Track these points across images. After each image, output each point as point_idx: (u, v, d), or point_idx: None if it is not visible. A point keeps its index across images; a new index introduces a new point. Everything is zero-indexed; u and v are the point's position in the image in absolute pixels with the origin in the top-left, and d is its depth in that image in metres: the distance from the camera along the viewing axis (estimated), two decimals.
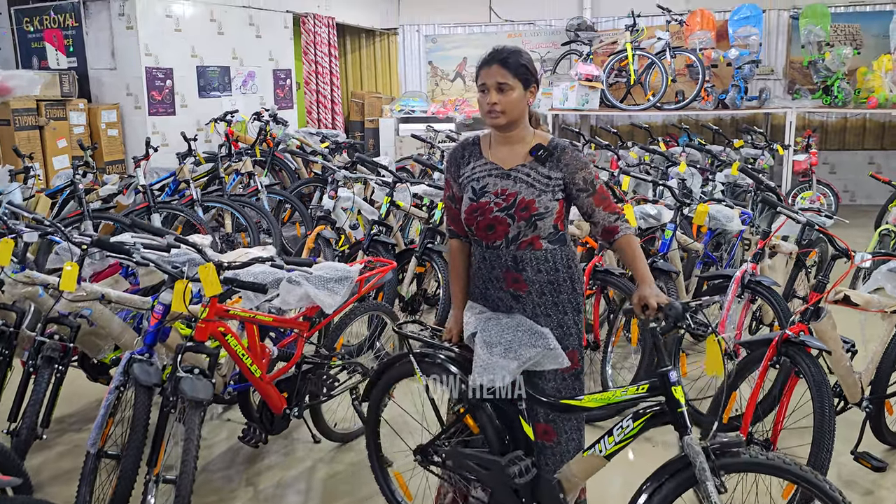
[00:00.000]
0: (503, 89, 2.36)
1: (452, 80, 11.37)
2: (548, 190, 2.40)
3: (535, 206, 2.38)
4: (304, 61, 9.61)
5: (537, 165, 2.42)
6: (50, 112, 6.81)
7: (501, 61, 2.36)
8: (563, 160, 2.41)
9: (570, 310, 2.51)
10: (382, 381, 2.93)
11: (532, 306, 2.50)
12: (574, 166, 2.41)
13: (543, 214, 2.40)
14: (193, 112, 7.83)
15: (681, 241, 4.49)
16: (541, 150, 2.42)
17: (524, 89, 2.39)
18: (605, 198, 2.43)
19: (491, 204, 2.42)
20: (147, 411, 2.69)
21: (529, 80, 2.40)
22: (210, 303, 2.74)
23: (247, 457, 3.54)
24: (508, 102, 2.36)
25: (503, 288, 2.51)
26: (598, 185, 2.43)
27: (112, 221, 5.70)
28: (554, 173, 2.41)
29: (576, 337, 2.53)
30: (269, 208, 6.62)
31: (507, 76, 2.36)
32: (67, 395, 3.96)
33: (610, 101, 9.38)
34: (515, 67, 2.36)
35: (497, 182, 2.43)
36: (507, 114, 2.38)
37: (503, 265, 2.47)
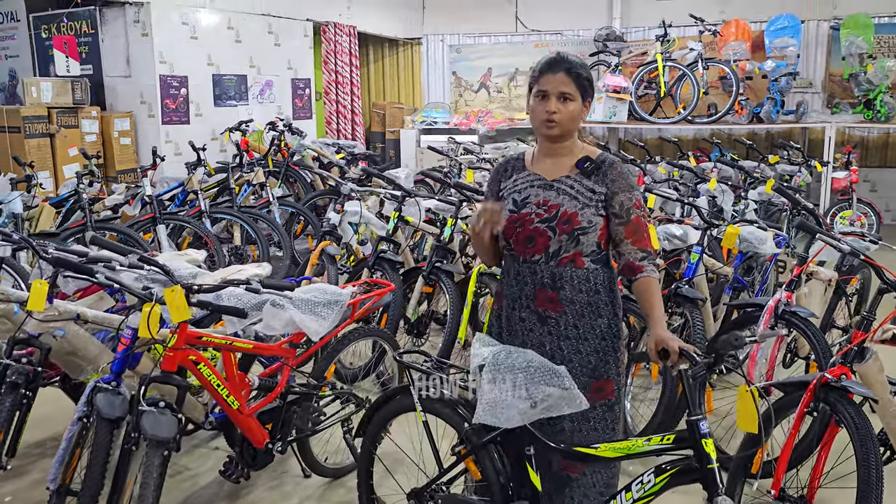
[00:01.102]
0: (565, 99, 2.24)
1: (476, 90, 11.12)
2: (591, 204, 2.26)
3: (578, 220, 2.24)
4: (324, 70, 9.43)
5: (582, 178, 2.29)
6: (61, 120, 6.69)
7: (568, 70, 2.24)
8: (609, 175, 2.27)
9: (610, 336, 2.34)
10: (379, 415, 2.67)
11: (563, 328, 2.32)
12: (618, 185, 2.26)
13: (587, 229, 2.24)
14: (208, 121, 7.68)
15: (708, 264, 4.15)
16: (588, 162, 2.29)
17: (583, 101, 2.28)
18: (639, 231, 2.26)
19: (532, 215, 2.29)
20: (107, 447, 2.45)
21: (588, 93, 2.29)
22: (179, 329, 2.49)
23: (231, 490, 3.28)
24: (567, 113, 2.25)
25: (531, 307, 2.34)
26: (634, 214, 2.26)
27: (115, 232, 5.53)
28: (598, 187, 2.27)
29: (613, 366, 2.35)
30: (280, 221, 6.42)
31: (572, 86, 2.24)
32: (45, 417, 3.75)
33: (638, 114, 9.05)
34: (580, 79, 2.25)
35: (539, 193, 2.31)
36: (563, 125, 2.26)
37: (538, 282, 2.31)
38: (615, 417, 2.39)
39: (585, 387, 2.27)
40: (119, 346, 2.60)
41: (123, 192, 5.95)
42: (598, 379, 2.32)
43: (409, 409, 2.55)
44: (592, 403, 2.28)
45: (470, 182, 6.67)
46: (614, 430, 2.38)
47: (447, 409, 2.44)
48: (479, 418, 2.23)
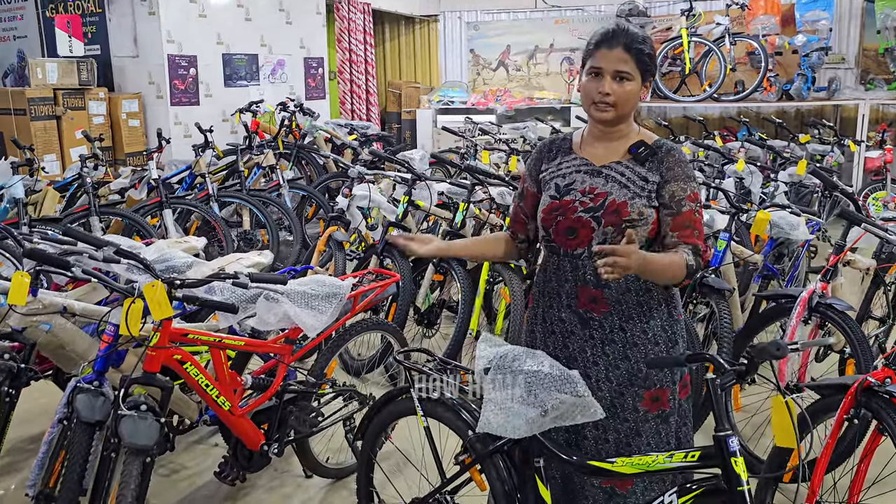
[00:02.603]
0: (622, 78, 1.98)
1: (495, 69, 10.82)
2: (643, 194, 2.00)
3: (628, 210, 1.99)
4: (337, 49, 9.20)
5: (635, 165, 2.04)
6: (68, 101, 6.54)
7: (627, 46, 1.97)
8: (665, 163, 2.02)
9: (663, 341, 2.07)
10: (379, 418, 2.49)
11: (609, 331, 2.07)
12: (673, 173, 2.01)
13: (636, 221, 1.99)
14: (218, 102, 7.49)
15: (736, 252, 3.90)
16: (642, 147, 2.04)
17: (643, 81, 2.02)
18: (690, 226, 1.99)
19: (576, 203, 2.04)
20: (86, 452, 2.28)
21: (650, 70, 2.02)
22: (161, 327, 2.31)
23: (229, 491, 3.12)
24: (624, 94, 1.98)
25: (573, 307, 2.10)
26: (686, 207, 1.99)
27: (121, 217, 5.38)
28: (651, 176, 2.02)
29: (669, 373, 2.08)
30: (291, 204, 6.24)
31: (631, 64, 1.97)
32: (42, 409, 3.63)
33: (662, 92, 8.73)
34: (640, 55, 1.98)
35: (586, 179, 2.07)
36: (619, 108, 2.00)
37: (580, 278, 2.06)
38: (669, 430, 2.12)
39: (637, 397, 2.05)
40: (101, 343, 2.43)
41: (129, 176, 5.79)
42: (650, 388, 2.06)
43: (409, 412, 2.37)
44: (645, 416, 2.07)
45: (485, 164, 6.44)
46: (668, 443, 2.11)
47: (450, 413, 2.26)
48: (483, 427, 2.04)
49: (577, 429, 2.12)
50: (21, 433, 3.53)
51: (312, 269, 3.74)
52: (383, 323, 3.22)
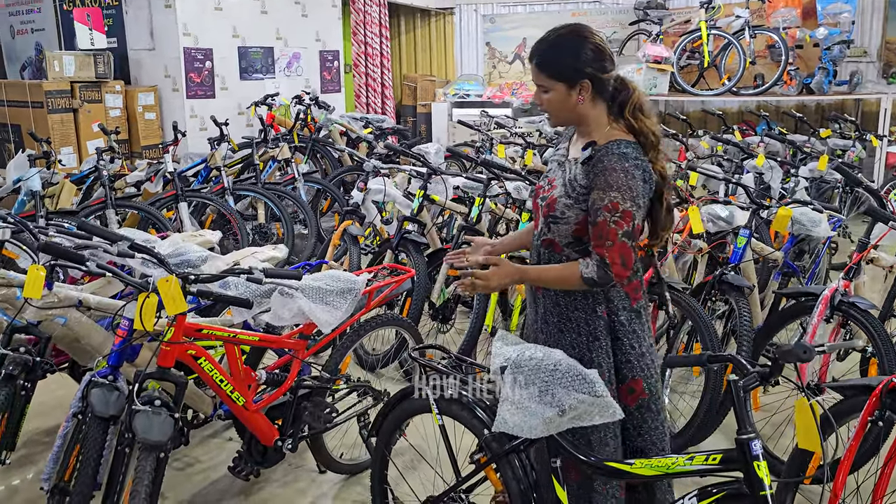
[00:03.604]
0: (544, 90, 2.08)
1: (511, 62, 10.76)
2: (572, 195, 2.06)
3: (554, 207, 2.09)
4: (353, 42, 9.17)
5: (579, 165, 2.08)
6: (85, 94, 6.56)
7: (537, 63, 2.08)
8: (595, 168, 2.02)
9: (585, 333, 2.12)
10: (393, 415, 2.47)
11: (543, 311, 2.21)
12: (597, 181, 2.00)
13: (558, 219, 2.09)
14: (234, 95, 7.49)
15: (757, 249, 3.84)
16: (587, 148, 2.06)
17: (569, 88, 2.03)
18: (602, 237, 1.99)
19: (542, 189, 2.20)
20: (100, 447, 2.28)
21: (573, 76, 2.02)
22: (175, 322, 2.30)
23: (243, 486, 3.11)
24: (548, 104, 2.09)
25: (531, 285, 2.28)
26: (601, 217, 1.98)
27: (137, 210, 5.39)
28: (583, 179, 2.05)
29: (586, 365, 2.05)
30: (306, 198, 6.23)
31: (542, 78, 2.07)
32: (55, 403, 3.64)
33: (680, 86, 8.64)
34: (550, 67, 2.04)
35: (555, 169, 2.19)
36: (553, 115, 2.13)
37: (533, 258, 2.25)
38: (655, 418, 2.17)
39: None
40: (115, 337, 2.43)
41: (145, 169, 5.79)
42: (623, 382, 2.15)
43: (424, 410, 2.35)
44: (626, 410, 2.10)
45: (501, 158, 6.39)
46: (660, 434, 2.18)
47: (465, 412, 2.24)
48: (499, 426, 2.01)
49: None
50: (37, 425, 3.54)
51: (327, 264, 3.73)
52: (398, 318, 3.19)
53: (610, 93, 2.07)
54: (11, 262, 3.74)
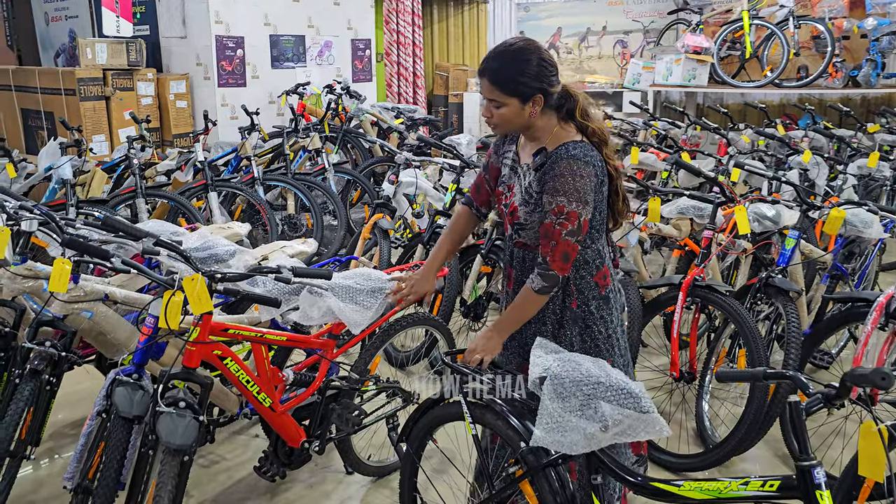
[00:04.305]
0: (497, 105, 2.09)
1: None
2: (530, 202, 2.15)
3: (518, 215, 2.18)
4: (385, 31, 9.06)
5: (532, 171, 2.17)
6: (117, 82, 6.54)
7: (491, 78, 2.06)
8: (547, 173, 2.09)
9: (552, 322, 2.25)
10: (424, 421, 2.37)
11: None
12: (548, 186, 2.08)
13: (524, 225, 2.18)
14: (265, 84, 7.43)
15: (806, 250, 3.67)
16: (538, 155, 2.14)
17: (523, 102, 2.07)
18: (547, 237, 2.09)
19: (503, 195, 2.27)
20: (123, 447, 2.22)
21: (526, 92, 2.06)
22: (201, 322, 2.22)
23: (268, 486, 3.05)
24: (501, 118, 2.11)
25: (506, 284, 2.38)
26: (548, 219, 2.08)
27: (166, 199, 5.36)
28: (536, 186, 2.13)
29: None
30: (336, 188, 6.15)
31: (497, 93, 2.07)
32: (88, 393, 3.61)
33: (720, 77, 8.39)
34: (505, 83, 2.05)
35: (511, 175, 2.25)
36: (502, 127, 2.15)
37: (506, 258, 2.35)
38: None
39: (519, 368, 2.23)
40: (140, 335, 2.36)
41: (176, 158, 5.77)
42: None
43: (457, 417, 2.24)
44: None
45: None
46: None
47: (500, 421, 2.13)
48: (537, 441, 1.91)
49: None
50: (63, 417, 3.52)
51: (357, 260, 3.64)
52: (429, 317, 3.09)
53: (557, 102, 2.13)
54: (42, 250, 3.71)
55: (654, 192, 3.57)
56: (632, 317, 3.33)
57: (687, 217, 3.79)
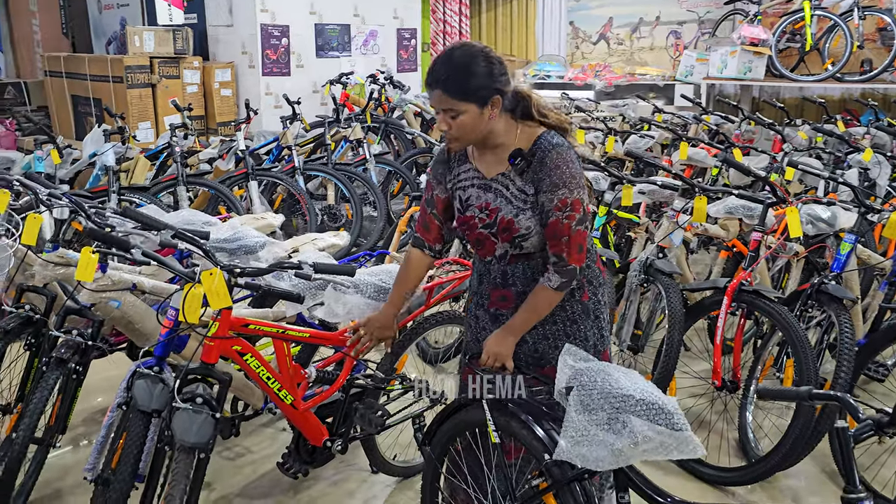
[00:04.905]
0: (454, 115, 1.97)
1: (595, 42, 10.33)
2: (526, 207, 2.04)
3: (516, 227, 2.05)
4: (431, 20, 8.96)
5: (516, 177, 2.06)
6: (163, 70, 6.59)
7: (443, 88, 1.95)
8: (537, 173, 2.01)
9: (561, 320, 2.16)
10: (448, 425, 2.29)
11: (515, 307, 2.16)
12: (543, 184, 2.00)
13: (526, 235, 2.06)
14: (310, 73, 7.41)
15: (863, 256, 3.46)
16: (519, 157, 2.03)
17: (481, 106, 1.97)
18: (556, 235, 2.02)
19: (476, 219, 2.12)
20: (141, 441, 2.19)
21: (486, 95, 1.96)
22: (220, 316, 2.17)
23: (292, 482, 3.00)
24: (460, 127, 1.99)
25: (485, 306, 2.24)
26: (552, 217, 2.00)
27: (207, 188, 5.37)
28: (528, 188, 2.03)
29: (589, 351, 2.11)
30: (377, 179, 6.09)
31: (452, 102, 1.96)
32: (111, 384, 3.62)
33: (778, 70, 8.06)
34: (461, 91, 1.94)
35: (480, 194, 2.11)
36: (464, 137, 2.02)
37: (491, 281, 2.19)
38: None
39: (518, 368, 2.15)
40: (161, 328, 2.32)
41: (218, 146, 5.78)
42: (543, 367, 2.16)
43: (480, 424, 2.15)
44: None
45: (580, 144, 6.09)
46: None
47: (524, 430, 2.03)
48: (561, 454, 1.81)
49: None
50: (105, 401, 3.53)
51: (390, 255, 3.57)
52: (460, 316, 3.00)
53: (511, 104, 2.04)
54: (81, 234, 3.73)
55: (699, 191, 3.40)
56: (672, 320, 3.18)
57: (736, 217, 3.61)
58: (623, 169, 5.89)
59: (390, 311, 2.37)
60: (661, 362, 3.14)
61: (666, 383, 3.12)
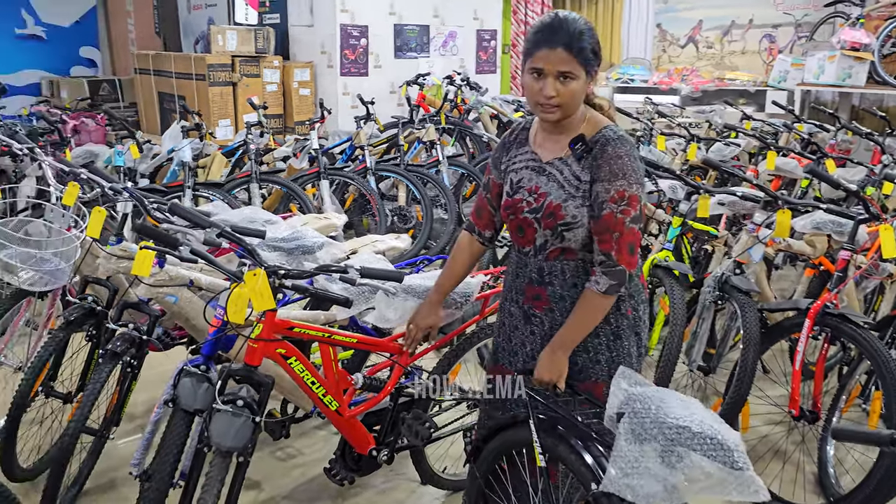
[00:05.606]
0: (565, 78, 1.86)
1: (683, 45, 9.97)
2: (577, 195, 1.94)
3: (562, 213, 1.95)
4: (512, 21, 8.83)
5: (573, 161, 1.96)
6: (244, 68, 6.72)
7: (568, 45, 1.84)
8: (596, 160, 1.91)
9: (605, 333, 2.02)
10: (494, 444, 2.18)
11: (549, 328, 2.05)
12: (601, 172, 1.90)
13: (571, 225, 1.95)
14: (387, 73, 7.42)
15: None
16: (580, 142, 1.94)
17: (587, 76, 1.90)
18: (608, 230, 1.90)
19: (523, 202, 2.03)
20: (182, 440, 2.16)
21: (594, 64, 1.90)
22: (264, 318, 2.13)
23: (338, 489, 2.94)
24: (569, 94, 1.88)
25: (519, 302, 2.12)
26: (606, 210, 1.89)
27: (279, 185, 5.42)
28: (584, 175, 1.93)
29: (605, 366, 2.03)
30: (449, 182, 6.02)
31: (574, 63, 1.85)
32: None
33: (881, 77, 7.55)
34: (582, 52, 1.86)
35: (532, 177, 2.03)
36: (565, 108, 1.91)
37: (527, 276, 2.08)
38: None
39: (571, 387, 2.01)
40: (210, 327, 2.30)
41: (292, 145, 5.84)
42: (582, 382, 2.03)
43: (526, 445, 2.03)
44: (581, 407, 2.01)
45: (661, 150, 5.85)
46: None
47: (572, 455, 1.90)
48: (608, 486, 1.67)
49: None
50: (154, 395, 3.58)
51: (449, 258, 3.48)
52: None
53: None
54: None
55: (783, 203, 3.17)
56: (748, 341, 2.96)
57: (823, 233, 3.35)
58: (706, 178, 5.63)
59: (435, 298, 2.30)
60: (734, 385, 2.93)
61: (738, 408, 2.91)
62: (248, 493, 2.88)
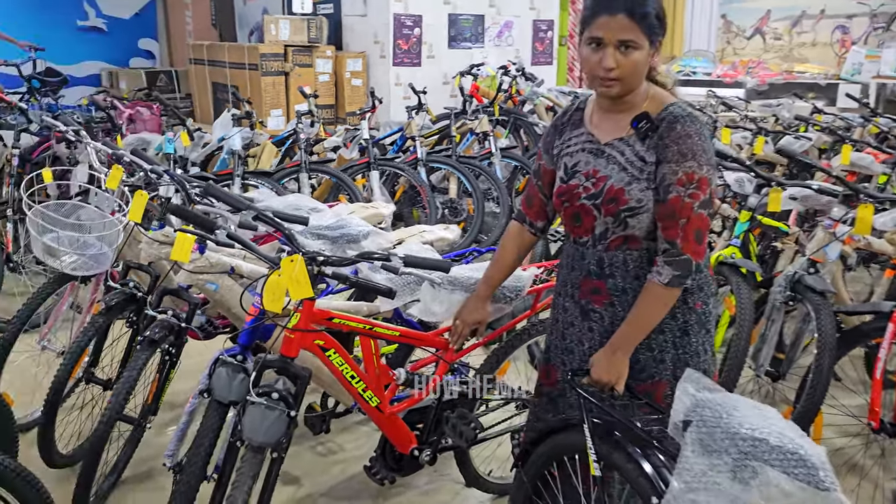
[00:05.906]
0: (627, 47, 1.70)
1: (749, 37, 9.59)
2: (642, 177, 1.77)
3: (625, 198, 1.78)
4: (570, 11, 8.59)
5: (636, 142, 1.79)
6: (296, 58, 6.67)
7: (629, 10, 1.69)
8: (663, 139, 1.74)
9: (670, 329, 1.85)
10: (543, 448, 2.02)
11: (609, 323, 1.88)
12: (668, 152, 1.73)
13: (636, 210, 1.78)
14: (441, 64, 7.28)
15: None
16: (644, 121, 1.77)
17: (651, 46, 1.74)
18: (674, 216, 1.74)
19: (580, 188, 1.87)
20: (215, 433, 2.07)
21: (658, 33, 1.75)
22: (302, 307, 2.01)
23: (379, 488, 2.82)
24: (630, 66, 1.72)
25: (574, 297, 1.94)
26: (673, 193, 1.73)
27: (329, 175, 5.35)
28: (649, 155, 1.77)
29: (670, 365, 1.87)
30: (502, 174, 5.86)
31: (637, 31, 1.70)
32: None
33: None
34: (646, 18, 1.70)
35: (590, 160, 1.87)
36: (626, 81, 1.74)
37: (584, 268, 1.90)
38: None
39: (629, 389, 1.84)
40: (247, 315, 2.20)
41: (342, 135, 5.76)
42: (643, 382, 1.86)
43: (579, 451, 1.86)
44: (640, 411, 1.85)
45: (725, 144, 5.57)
46: None
47: (630, 464, 1.73)
48: (672, 500, 1.51)
49: None
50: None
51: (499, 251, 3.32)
52: None
53: None
54: None
55: (865, 198, 2.92)
56: (822, 346, 2.73)
57: None
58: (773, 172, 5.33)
59: (483, 291, 2.16)
60: (806, 393, 2.72)
61: (810, 418, 2.69)
62: (286, 489, 2.79)
